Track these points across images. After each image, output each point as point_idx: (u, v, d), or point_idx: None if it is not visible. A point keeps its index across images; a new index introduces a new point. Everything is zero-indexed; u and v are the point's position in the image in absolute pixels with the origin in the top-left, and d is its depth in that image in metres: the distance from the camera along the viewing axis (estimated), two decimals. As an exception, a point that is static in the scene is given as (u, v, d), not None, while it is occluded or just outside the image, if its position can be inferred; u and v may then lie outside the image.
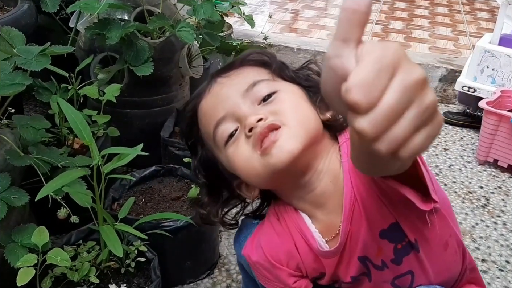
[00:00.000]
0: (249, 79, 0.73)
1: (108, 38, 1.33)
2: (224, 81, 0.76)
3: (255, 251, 0.81)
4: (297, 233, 0.79)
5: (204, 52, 1.68)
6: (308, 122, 0.70)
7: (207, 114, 0.76)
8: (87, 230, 1.15)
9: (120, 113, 1.60)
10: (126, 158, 0.98)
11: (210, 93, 0.76)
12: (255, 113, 0.69)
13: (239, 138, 0.71)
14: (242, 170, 0.71)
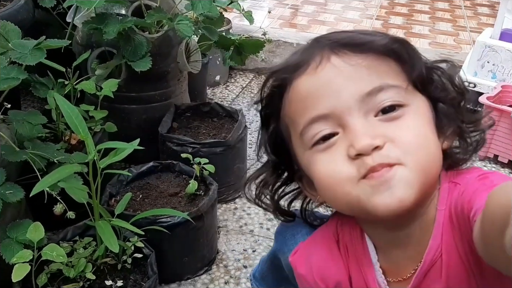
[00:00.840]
0: (376, 79, 0.57)
1: (105, 33, 1.32)
2: (342, 65, 0.58)
3: (304, 265, 0.72)
4: (356, 267, 0.69)
5: (202, 47, 1.67)
6: (431, 165, 0.57)
7: (303, 100, 0.60)
8: (84, 226, 1.14)
9: (118, 109, 1.59)
10: (122, 153, 0.97)
11: (316, 74, 0.59)
12: (370, 134, 0.55)
13: (336, 149, 0.58)
14: (329, 189, 0.60)
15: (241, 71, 2.60)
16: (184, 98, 1.73)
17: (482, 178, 0.58)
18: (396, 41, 0.60)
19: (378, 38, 0.59)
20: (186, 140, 1.45)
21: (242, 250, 1.41)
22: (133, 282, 1.07)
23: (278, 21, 3.09)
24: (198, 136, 1.55)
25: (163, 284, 1.28)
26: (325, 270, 0.70)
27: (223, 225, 1.50)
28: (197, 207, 1.21)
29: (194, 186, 1.27)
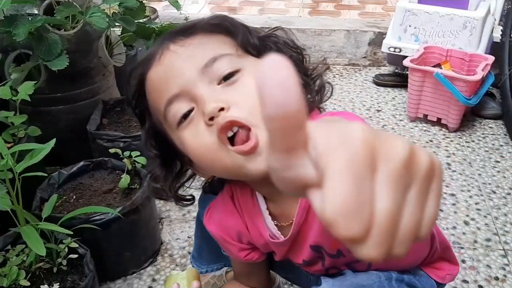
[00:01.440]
0: (208, 52, 0.63)
1: (15, 35, 1.27)
2: (179, 49, 0.64)
3: (212, 223, 0.83)
4: (249, 219, 0.78)
5: (124, 39, 1.64)
6: None
7: (157, 88, 0.66)
8: (15, 234, 1.11)
9: (44, 111, 1.55)
10: (39, 155, 0.94)
11: (161, 63, 0.65)
12: (215, 99, 0.61)
13: (196, 122, 0.63)
14: (203, 159, 0.64)
15: (176, 60, 2.57)
16: (112, 93, 1.70)
17: (331, 114, 0.68)
18: (216, 17, 0.68)
19: (202, 19, 0.67)
20: (116, 135, 1.43)
21: (187, 237, 1.41)
22: (71, 283, 1.05)
23: (209, 6, 3.07)
24: (130, 130, 1.53)
25: (108, 282, 1.27)
26: (225, 223, 0.80)
27: (165, 215, 1.50)
28: (131, 201, 1.20)
29: (126, 180, 1.25)
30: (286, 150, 0.28)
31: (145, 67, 0.67)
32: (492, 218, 1.46)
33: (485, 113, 1.98)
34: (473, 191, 1.58)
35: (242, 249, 0.84)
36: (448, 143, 1.83)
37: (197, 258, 1.08)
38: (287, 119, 0.27)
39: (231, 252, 0.86)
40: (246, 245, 0.83)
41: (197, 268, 1.08)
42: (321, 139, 0.27)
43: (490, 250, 1.34)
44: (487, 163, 1.72)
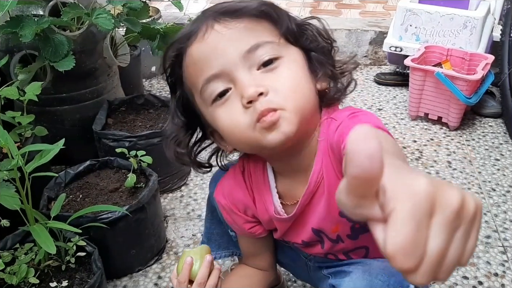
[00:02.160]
0: (253, 38, 0.67)
1: (21, 36, 1.29)
2: (223, 30, 0.67)
3: (222, 195, 0.88)
4: (258, 194, 0.84)
5: (129, 39, 1.66)
6: (306, 105, 0.69)
7: (196, 64, 0.69)
8: (23, 233, 1.13)
9: (49, 111, 1.57)
10: (48, 155, 0.96)
11: (204, 41, 0.67)
12: (255, 84, 0.65)
13: (232, 102, 0.67)
14: (233, 136, 0.69)
15: (178, 60, 2.59)
16: (117, 93, 1.72)
17: (352, 116, 0.70)
18: (264, 4, 0.69)
19: (250, 4, 0.68)
20: (121, 134, 1.44)
21: (191, 235, 1.43)
22: (79, 281, 1.07)
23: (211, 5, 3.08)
24: (135, 129, 1.55)
25: (114, 279, 1.29)
26: (234, 196, 0.85)
27: (170, 214, 1.52)
28: (137, 200, 1.22)
29: (132, 179, 1.27)
30: (360, 196, 0.34)
31: (186, 42, 0.69)
32: (492, 215, 1.48)
33: (485, 111, 2.00)
34: (473, 189, 1.60)
35: (247, 221, 0.88)
36: (448, 141, 1.85)
37: (207, 243, 1.10)
38: (367, 181, 0.33)
39: (236, 224, 0.89)
40: (251, 218, 0.88)
41: None
42: (390, 186, 0.33)
43: (489, 246, 1.36)
44: (487, 161, 1.74)
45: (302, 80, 0.69)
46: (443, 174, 1.66)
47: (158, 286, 1.26)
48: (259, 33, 0.67)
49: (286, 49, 0.69)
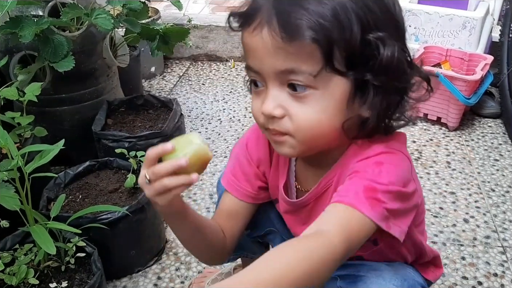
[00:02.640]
0: (291, 61, 0.63)
1: (21, 36, 1.29)
2: (268, 39, 0.63)
3: (240, 146, 0.87)
4: (276, 161, 0.84)
5: (128, 40, 1.66)
6: (316, 140, 0.68)
7: (244, 48, 0.68)
8: (23, 234, 1.13)
9: (49, 112, 1.57)
10: (48, 155, 0.96)
11: (251, 36, 0.65)
12: (277, 104, 0.65)
13: (259, 97, 0.69)
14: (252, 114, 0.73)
15: (177, 60, 2.59)
16: (116, 93, 1.72)
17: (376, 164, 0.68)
18: (323, 28, 0.60)
19: (314, 21, 0.60)
20: (121, 135, 1.45)
21: (191, 235, 1.43)
22: (79, 281, 1.07)
23: (211, 6, 3.08)
24: (134, 130, 1.55)
25: (114, 280, 1.29)
26: (253, 148, 0.85)
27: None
28: (137, 200, 1.22)
29: (132, 179, 1.27)
30: None
31: (243, 23, 0.67)
32: (491, 215, 1.48)
33: (484, 112, 2.00)
34: (473, 189, 1.60)
35: (258, 177, 0.86)
36: (448, 142, 1.85)
37: None
38: None
39: (247, 176, 0.85)
40: (262, 176, 0.86)
41: None
42: None
43: (489, 247, 1.37)
44: (486, 161, 1.74)
45: (325, 118, 0.66)
46: (442, 175, 1.67)
47: (157, 286, 1.26)
48: (299, 59, 0.62)
49: (326, 80, 0.63)
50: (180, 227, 0.78)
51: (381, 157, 0.68)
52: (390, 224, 0.67)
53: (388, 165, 0.67)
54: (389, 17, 0.65)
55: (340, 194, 0.66)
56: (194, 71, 2.49)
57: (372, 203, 0.64)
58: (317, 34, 0.60)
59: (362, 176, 0.66)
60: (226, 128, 1.96)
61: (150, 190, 0.66)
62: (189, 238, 0.81)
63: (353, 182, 0.67)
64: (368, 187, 0.65)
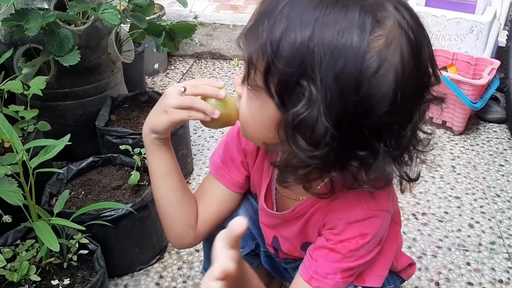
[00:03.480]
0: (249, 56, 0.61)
1: (27, 29, 1.27)
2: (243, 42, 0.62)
3: (230, 135, 0.86)
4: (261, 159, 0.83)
5: (134, 36, 1.64)
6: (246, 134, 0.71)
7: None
8: (25, 229, 1.12)
9: (52, 106, 1.55)
10: (53, 150, 0.95)
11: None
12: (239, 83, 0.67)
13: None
14: None
15: (181, 57, 2.58)
16: (120, 89, 1.70)
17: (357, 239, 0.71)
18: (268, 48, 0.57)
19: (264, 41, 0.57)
20: (125, 131, 1.43)
21: (193, 235, 1.42)
22: (81, 279, 1.06)
23: (215, 3, 3.06)
24: (138, 126, 1.54)
25: (116, 278, 1.27)
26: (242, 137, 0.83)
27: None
28: (141, 198, 1.20)
29: (136, 177, 1.26)
30: None
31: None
32: (496, 221, 1.47)
33: (489, 117, 1.99)
34: (478, 194, 1.59)
35: (244, 165, 0.85)
36: (453, 146, 1.84)
37: (208, 268, 1.07)
38: None
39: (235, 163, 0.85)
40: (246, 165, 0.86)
41: None
42: None
43: (494, 253, 1.35)
44: (491, 166, 1.73)
45: (251, 126, 0.67)
46: (447, 179, 1.65)
47: (159, 285, 1.25)
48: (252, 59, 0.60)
49: (260, 93, 0.61)
50: (161, 164, 0.78)
51: (366, 227, 0.71)
52: (365, 279, 0.76)
53: (371, 237, 0.71)
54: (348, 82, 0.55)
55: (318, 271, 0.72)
56: (197, 69, 2.47)
57: (346, 281, 0.73)
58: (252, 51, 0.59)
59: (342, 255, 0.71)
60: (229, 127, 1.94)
61: (176, 99, 0.70)
62: (166, 187, 0.80)
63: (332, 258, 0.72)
64: (346, 269, 0.72)
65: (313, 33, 0.54)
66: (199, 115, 0.70)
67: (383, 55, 0.54)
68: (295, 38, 0.55)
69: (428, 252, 1.35)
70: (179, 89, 0.71)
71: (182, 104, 0.70)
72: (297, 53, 0.55)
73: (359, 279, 0.76)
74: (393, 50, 0.55)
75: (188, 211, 0.83)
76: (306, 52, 0.54)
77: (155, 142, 0.76)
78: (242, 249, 0.96)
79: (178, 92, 0.71)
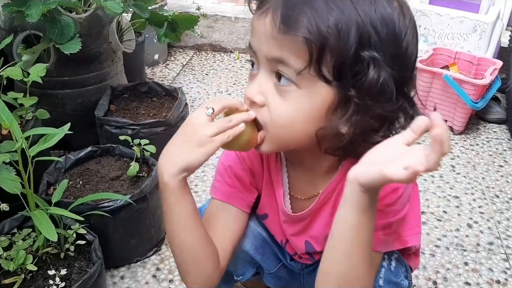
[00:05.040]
0: (282, 52, 0.62)
1: (28, 16, 1.25)
2: (268, 28, 0.62)
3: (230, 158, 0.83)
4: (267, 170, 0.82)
5: (135, 25, 1.62)
6: (287, 140, 0.68)
7: (251, 26, 0.66)
8: (22, 218, 1.10)
9: (51, 94, 1.53)
10: (52, 139, 0.93)
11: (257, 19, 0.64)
12: (260, 89, 0.65)
13: (252, 80, 0.68)
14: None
15: (181, 49, 2.56)
16: (120, 79, 1.68)
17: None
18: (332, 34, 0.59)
19: (313, 23, 0.59)
20: (124, 122, 1.41)
21: (191, 227, 1.41)
22: (78, 269, 1.04)
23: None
24: (138, 117, 1.52)
25: (112, 269, 1.26)
26: (245, 158, 0.82)
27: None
28: (139, 189, 1.19)
29: (135, 168, 1.25)
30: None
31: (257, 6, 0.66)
32: (495, 221, 1.47)
33: (489, 117, 1.98)
34: (477, 194, 1.58)
35: (250, 182, 0.83)
36: (452, 145, 1.84)
37: None
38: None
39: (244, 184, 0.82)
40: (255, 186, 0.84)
41: None
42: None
43: (492, 253, 1.35)
44: (490, 167, 1.72)
45: (299, 120, 0.65)
46: (447, 178, 1.65)
47: (156, 278, 1.24)
48: (290, 52, 0.61)
49: (310, 82, 0.62)
50: (188, 206, 0.71)
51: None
52: (406, 240, 0.77)
53: (403, 190, 0.70)
54: (394, 43, 0.61)
55: None
56: (197, 60, 2.45)
57: (387, 239, 0.73)
58: (311, 36, 0.59)
59: (380, 211, 0.68)
60: (229, 120, 1.93)
61: (212, 126, 0.66)
62: (192, 229, 0.73)
63: None
64: (386, 225, 0.71)
65: (353, 9, 0.60)
66: (235, 131, 0.66)
67: (402, 19, 0.63)
68: (341, 16, 0.59)
69: (426, 251, 1.35)
70: (207, 112, 0.66)
71: (221, 127, 0.65)
72: (349, 29, 0.59)
73: (401, 241, 0.76)
74: (406, 15, 0.64)
75: (213, 247, 0.78)
76: (357, 26, 0.59)
77: (182, 183, 0.69)
78: (242, 276, 0.93)
79: (206, 116, 0.65)
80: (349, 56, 0.60)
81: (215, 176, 0.85)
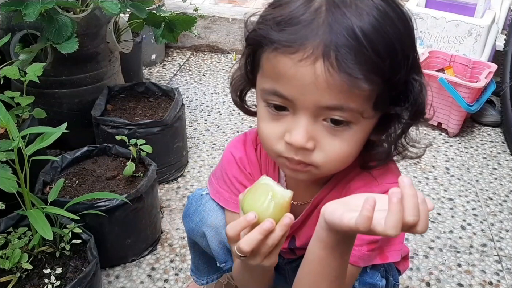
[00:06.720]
0: (341, 98, 0.58)
1: (25, 15, 1.26)
2: (321, 76, 0.57)
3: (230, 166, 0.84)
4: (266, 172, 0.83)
5: (132, 26, 1.63)
6: (339, 168, 0.69)
7: (276, 73, 0.61)
8: (17, 217, 1.11)
9: (48, 94, 1.54)
10: (49, 138, 0.94)
11: (297, 66, 0.58)
12: (309, 136, 0.62)
13: (278, 122, 0.64)
14: (263, 141, 0.70)
15: (178, 49, 2.56)
16: (117, 79, 1.69)
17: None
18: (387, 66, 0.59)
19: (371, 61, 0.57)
20: (121, 122, 1.42)
21: (186, 227, 1.41)
22: (73, 268, 1.05)
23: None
24: (134, 117, 1.53)
25: (107, 268, 1.27)
26: (245, 165, 0.83)
27: (166, 205, 1.50)
28: (135, 189, 1.20)
29: (131, 168, 1.25)
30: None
31: (284, 43, 0.59)
32: (488, 224, 1.48)
33: (484, 120, 2.00)
34: (471, 196, 1.60)
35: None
36: (447, 147, 1.85)
37: (195, 271, 1.07)
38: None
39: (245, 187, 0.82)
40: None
41: (197, 280, 1.07)
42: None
43: (485, 255, 1.37)
44: (484, 169, 1.74)
45: (355, 151, 0.66)
46: (441, 180, 1.66)
47: (151, 277, 1.25)
48: (350, 96, 0.58)
49: (365, 118, 0.62)
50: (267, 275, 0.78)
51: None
52: (387, 255, 0.76)
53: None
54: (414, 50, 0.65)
55: None
56: (194, 61, 2.46)
57: (371, 254, 0.73)
58: (372, 74, 0.57)
59: None
60: (225, 121, 1.94)
61: (257, 258, 0.63)
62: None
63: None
64: (372, 241, 0.71)
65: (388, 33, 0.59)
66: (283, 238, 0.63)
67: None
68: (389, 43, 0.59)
69: (419, 252, 1.36)
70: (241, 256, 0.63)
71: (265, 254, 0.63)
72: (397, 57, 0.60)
73: (382, 256, 0.77)
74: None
75: None
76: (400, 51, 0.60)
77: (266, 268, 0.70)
78: (225, 264, 0.94)
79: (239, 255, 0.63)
80: (402, 84, 0.62)
81: (220, 185, 0.86)
